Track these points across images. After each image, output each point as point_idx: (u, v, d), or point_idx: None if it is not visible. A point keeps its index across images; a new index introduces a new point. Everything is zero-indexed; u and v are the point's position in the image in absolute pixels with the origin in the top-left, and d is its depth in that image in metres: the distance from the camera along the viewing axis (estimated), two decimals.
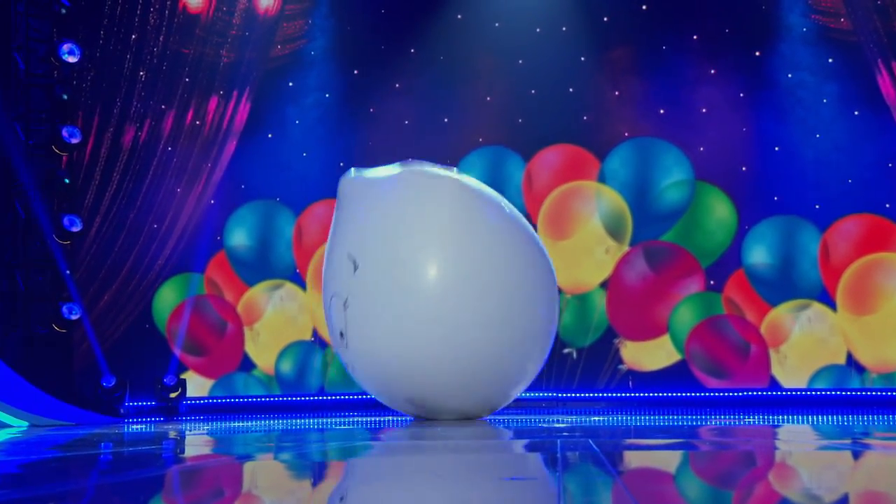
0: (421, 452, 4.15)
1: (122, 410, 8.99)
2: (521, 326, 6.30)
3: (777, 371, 9.91)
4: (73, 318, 8.73)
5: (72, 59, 8.81)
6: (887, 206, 9.73)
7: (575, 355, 10.18)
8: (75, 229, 8.82)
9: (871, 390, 9.63)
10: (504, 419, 7.41)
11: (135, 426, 7.92)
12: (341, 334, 6.47)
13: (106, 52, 9.29)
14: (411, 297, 6.14)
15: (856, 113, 9.77)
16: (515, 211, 6.72)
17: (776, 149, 9.98)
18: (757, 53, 9.99)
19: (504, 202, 6.67)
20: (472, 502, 2.60)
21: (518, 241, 6.46)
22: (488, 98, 10.35)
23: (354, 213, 6.52)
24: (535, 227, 10.32)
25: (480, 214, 6.38)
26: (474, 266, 6.24)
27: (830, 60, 9.81)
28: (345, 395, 10.38)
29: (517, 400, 10.12)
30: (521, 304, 6.32)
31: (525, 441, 4.94)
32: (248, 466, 3.73)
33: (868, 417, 7.47)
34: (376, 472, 3.28)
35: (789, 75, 9.91)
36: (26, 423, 7.89)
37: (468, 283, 6.20)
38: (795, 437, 5.19)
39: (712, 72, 10.04)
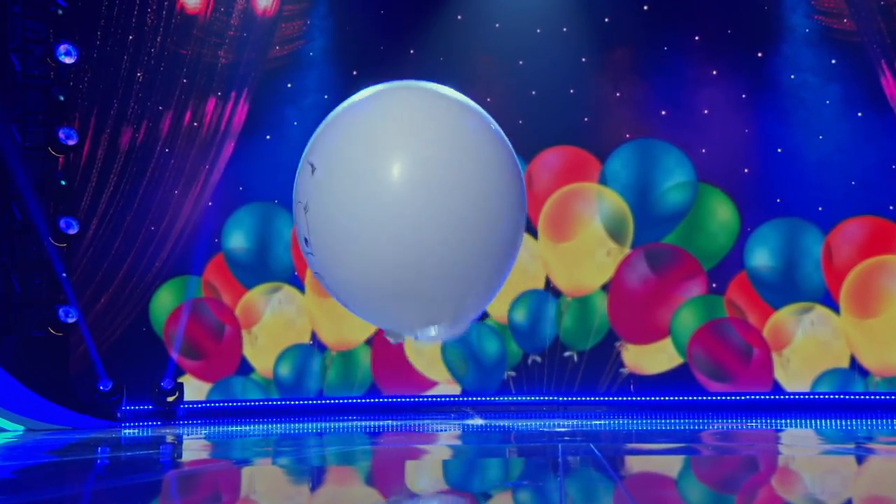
0: (421, 456, 4.10)
1: (118, 414, 8.93)
2: (482, 236, 6.08)
3: (780, 375, 9.84)
4: (70, 321, 8.68)
5: (68, 61, 8.77)
6: (891, 207, 9.67)
7: (576, 358, 10.11)
8: (72, 231, 8.77)
9: (874, 394, 9.55)
10: (505, 423, 7.35)
11: (132, 430, 7.88)
12: (306, 240, 6.43)
13: (103, 53, 9.25)
14: (368, 199, 6.02)
15: (859, 114, 9.70)
16: (499, 131, 6.53)
17: (779, 150, 9.91)
18: (759, 54, 9.92)
19: (489, 120, 6.50)
20: None
21: (491, 152, 6.23)
22: (488, 99, 10.22)
23: (321, 128, 6.49)
24: (535, 229, 10.28)
25: (450, 120, 6.17)
26: (437, 169, 6.04)
27: (833, 61, 9.74)
28: (344, 399, 10.31)
29: (517, 403, 10.10)
30: (484, 214, 6.10)
31: (526, 445, 4.89)
32: (245, 471, 3.68)
33: (872, 421, 7.41)
34: (375, 477, 3.22)
35: (792, 76, 9.84)
36: (22, 428, 7.84)
37: (427, 185, 6.02)
38: (798, 442, 5.14)
39: (714, 73, 9.97)
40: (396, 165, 5.78)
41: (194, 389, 10.10)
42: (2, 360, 8.06)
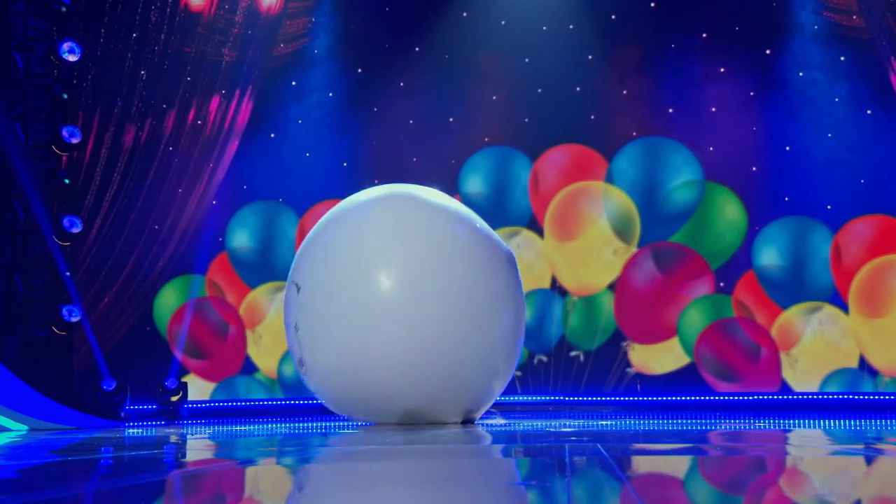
0: (425, 457, 4.05)
1: (122, 414, 8.88)
2: (484, 331, 6.08)
3: (788, 375, 9.77)
4: (74, 320, 8.64)
5: (72, 58, 8.71)
6: None
7: (582, 358, 10.05)
8: (75, 230, 8.73)
9: (884, 394, 9.48)
10: (510, 423, 7.29)
11: (135, 430, 7.83)
12: (300, 362, 6.45)
13: (106, 50, 9.20)
14: (355, 311, 5.98)
15: (868, 112, 9.62)
16: (483, 225, 6.49)
17: (787, 148, 9.84)
18: (767, 52, 9.85)
19: (472, 217, 6.47)
20: None
21: (476, 250, 6.20)
22: (494, 97, 10.23)
23: (303, 245, 6.57)
24: (541, 227, 10.21)
25: (431, 225, 6.15)
26: (423, 274, 6.00)
27: (842, 59, 9.66)
28: None
29: (523, 403, 10.04)
30: (483, 308, 6.09)
31: (532, 446, 4.84)
32: (250, 471, 3.67)
33: (881, 422, 7.34)
34: (380, 478, 3.17)
35: (800, 74, 9.77)
36: (26, 427, 7.79)
37: (412, 292, 5.96)
38: (807, 442, 5.08)
39: (722, 70, 9.90)
40: (384, 277, 5.80)
41: (198, 389, 10.06)
42: (5, 360, 8.01)
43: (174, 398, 9.50)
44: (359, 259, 6.01)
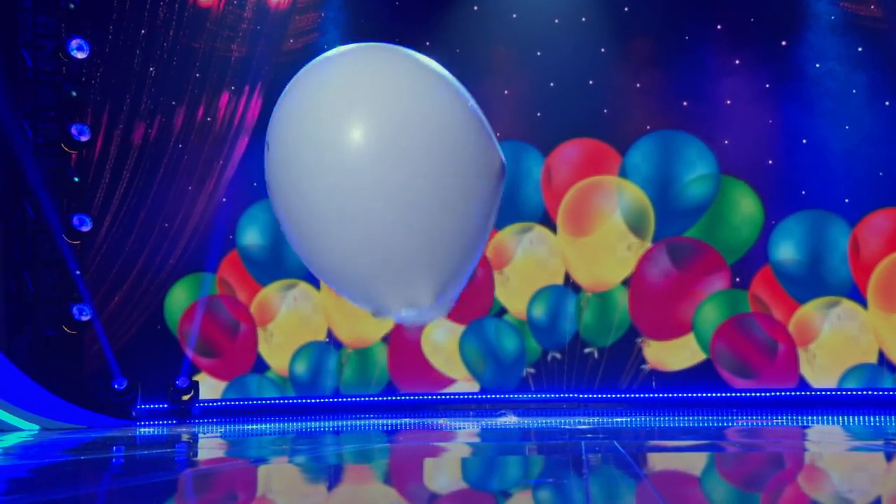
0: (442, 454, 3.99)
1: (133, 413, 8.84)
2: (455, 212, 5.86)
3: (806, 370, 9.64)
4: (84, 319, 8.59)
5: (80, 55, 8.67)
6: None
7: (596, 355, 9.94)
8: (85, 229, 8.69)
9: None
10: (525, 420, 7.22)
11: (147, 429, 7.80)
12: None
13: (115, 47, 9.15)
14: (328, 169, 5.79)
15: (886, 104, 9.48)
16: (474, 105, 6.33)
17: (804, 141, 9.70)
18: (783, 43, 9.71)
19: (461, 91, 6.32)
20: None
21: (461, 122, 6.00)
22: (506, 91, 10.12)
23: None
24: (554, 223, 10.10)
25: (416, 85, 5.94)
26: (398, 132, 5.81)
27: (860, 49, 9.51)
28: (360, 398, 10.18)
29: (536, 401, 9.94)
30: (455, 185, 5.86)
31: (548, 443, 4.78)
32: (262, 470, 3.63)
33: None
34: (396, 476, 3.10)
35: (817, 65, 9.62)
36: (37, 427, 7.76)
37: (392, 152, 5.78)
38: (826, 439, 4.99)
39: (737, 62, 9.77)
40: (357, 131, 5.56)
41: (209, 388, 10.00)
42: (16, 359, 7.97)
43: (185, 397, 9.45)
44: (330, 113, 5.76)
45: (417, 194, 5.43)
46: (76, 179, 8.69)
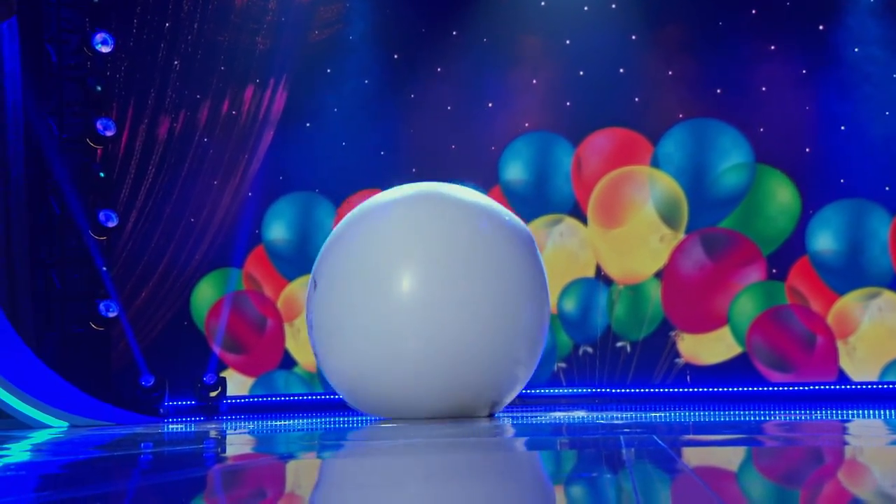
0: (483, 450, 3.89)
1: (161, 410, 8.79)
2: (505, 326, 6.08)
3: (846, 364, 9.40)
4: (111, 315, 8.55)
5: (105, 50, 8.61)
6: None
7: (629, 349, 9.77)
8: (111, 224, 8.64)
9: None
10: (556, 416, 7.09)
11: (175, 426, 7.76)
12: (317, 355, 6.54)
13: (139, 41, 9.08)
14: (373, 309, 5.98)
15: None
16: (510, 217, 6.42)
17: (842, 128, 9.45)
18: (820, 27, 9.46)
19: (499, 210, 6.42)
20: (548, 499, 2.46)
21: (501, 247, 6.20)
22: (534, 81, 9.95)
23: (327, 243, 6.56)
24: (584, 215, 9.93)
25: (450, 222, 6.16)
26: (447, 274, 5.97)
27: None
28: None
29: (568, 396, 9.78)
30: (504, 305, 6.06)
31: (586, 438, 4.68)
32: (290, 466, 3.61)
33: None
34: (442, 470, 3.00)
35: (856, 49, 9.37)
36: (66, 424, 7.72)
37: (437, 291, 5.94)
38: (867, 433, 4.84)
39: (772, 48, 9.54)
40: (406, 276, 5.83)
41: (237, 384, 9.93)
42: (44, 356, 7.94)
43: (213, 394, 9.39)
44: (377, 258, 5.99)
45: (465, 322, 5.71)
46: (102, 175, 8.64)
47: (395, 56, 10.10)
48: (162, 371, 8.90)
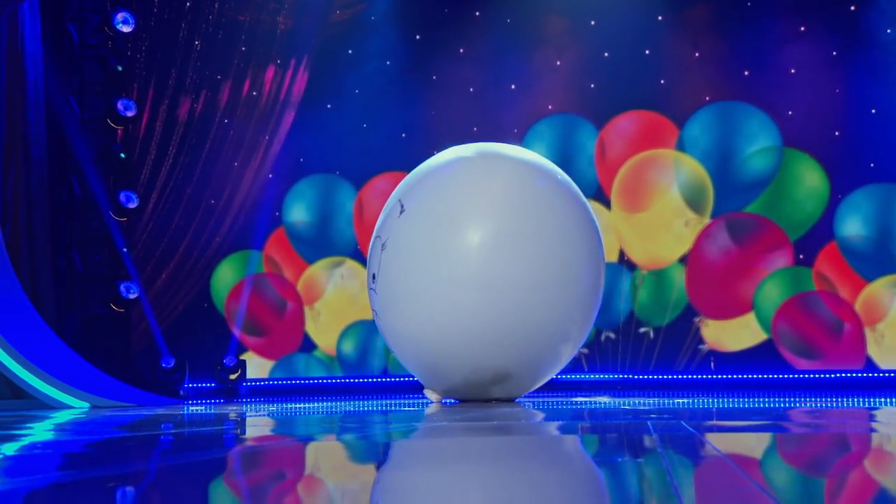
0: (511, 433, 3.82)
1: (181, 392, 8.78)
2: (562, 290, 6.20)
3: (874, 351, 9.25)
4: (132, 297, 8.54)
5: (126, 29, 8.57)
6: None
7: (652, 335, 9.65)
8: (132, 205, 8.62)
9: None
10: (581, 401, 7.01)
11: (196, 408, 7.74)
12: (374, 276, 6.49)
13: (160, 20, 9.03)
14: (447, 253, 6.04)
15: None
16: (567, 181, 6.54)
17: (873, 111, 9.26)
18: (852, 8, 9.26)
19: (557, 173, 6.53)
20: (591, 481, 2.42)
21: (562, 209, 6.32)
22: (558, 62, 9.81)
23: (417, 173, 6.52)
24: (608, 199, 9.79)
25: (530, 187, 6.28)
26: (517, 235, 6.04)
27: None
28: (409, 377, 10.00)
29: (590, 382, 9.69)
30: (562, 269, 6.18)
31: (615, 422, 4.59)
32: (310, 448, 3.59)
33: None
34: (460, 456, 2.93)
35: (888, 31, 9.16)
36: (87, 405, 7.73)
37: (506, 250, 6.01)
38: (895, 420, 4.72)
39: (802, 29, 9.35)
40: (476, 233, 5.90)
41: (257, 367, 9.91)
42: (65, 337, 7.94)
43: (233, 376, 9.37)
44: (442, 220, 6.07)
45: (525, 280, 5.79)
46: (122, 156, 8.61)
47: (417, 37, 9.98)
48: (182, 353, 8.88)
